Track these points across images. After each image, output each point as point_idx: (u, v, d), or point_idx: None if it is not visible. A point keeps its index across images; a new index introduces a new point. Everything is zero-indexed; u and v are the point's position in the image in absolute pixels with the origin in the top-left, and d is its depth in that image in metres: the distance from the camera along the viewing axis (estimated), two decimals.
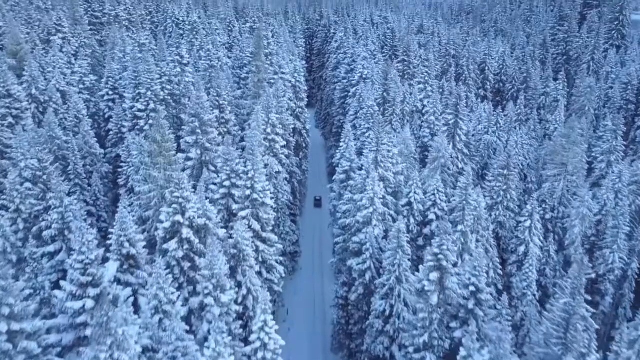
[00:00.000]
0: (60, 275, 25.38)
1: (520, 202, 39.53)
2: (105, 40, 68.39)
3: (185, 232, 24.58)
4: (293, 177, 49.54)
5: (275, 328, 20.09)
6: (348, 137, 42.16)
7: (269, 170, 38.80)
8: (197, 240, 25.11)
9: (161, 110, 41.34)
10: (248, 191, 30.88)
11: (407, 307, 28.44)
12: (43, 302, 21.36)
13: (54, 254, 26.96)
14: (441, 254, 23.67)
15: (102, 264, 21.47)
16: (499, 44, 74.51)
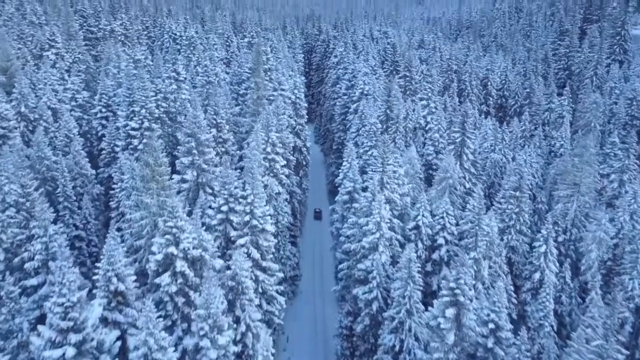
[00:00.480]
0: (42, 312, 23.31)
1: (531, 224, 37.82)
2: (101, 56, 66.94)
3: (179, 265, 22.61)
4: (293, 197, 47.69)
5: None
6: (351, 157, 40.51)
7: (268, 191, 36.96)
8: (192, 274, 23.14)
9: (156, 129, 39.69)
10: (247, 217, 29.05)
11: (419, 341, 26.48)
12: (20, 346, 19.31)
13: (37, 287, 24.97)
14: (458, 288, 21.80)
15: (89, 301, 19.55)
16: (500, 59, 73.60)
